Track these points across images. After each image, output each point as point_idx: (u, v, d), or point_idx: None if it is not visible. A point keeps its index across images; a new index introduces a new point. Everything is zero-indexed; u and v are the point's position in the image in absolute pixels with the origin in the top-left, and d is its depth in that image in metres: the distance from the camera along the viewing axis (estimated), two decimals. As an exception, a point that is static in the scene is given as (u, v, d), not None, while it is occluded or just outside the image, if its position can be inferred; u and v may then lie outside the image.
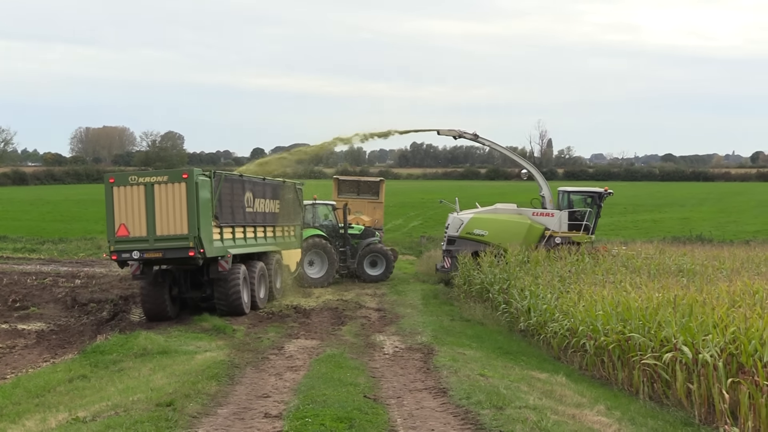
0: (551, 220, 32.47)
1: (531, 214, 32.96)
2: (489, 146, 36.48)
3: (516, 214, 33.27)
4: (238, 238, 23.98)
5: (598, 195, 32.76)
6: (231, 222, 23.34)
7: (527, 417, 10.70)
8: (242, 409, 11.65)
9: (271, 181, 28.38)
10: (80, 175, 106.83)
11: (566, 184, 38.52)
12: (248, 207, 24.84)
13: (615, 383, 15.73)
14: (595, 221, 32.91)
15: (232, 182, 23.89)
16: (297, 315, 23.47)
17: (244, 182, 24.94)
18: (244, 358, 16.08)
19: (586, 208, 32.61)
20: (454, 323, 21.96)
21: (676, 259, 26.85)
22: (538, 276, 23.05)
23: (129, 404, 11.78)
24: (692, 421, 13.00)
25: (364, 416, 10.92)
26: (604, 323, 16.34)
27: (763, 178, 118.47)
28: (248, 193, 24.93)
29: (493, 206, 34.05)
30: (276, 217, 27.68)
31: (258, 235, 25.85)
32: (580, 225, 32.30)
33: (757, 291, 16.35)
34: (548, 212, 32.77)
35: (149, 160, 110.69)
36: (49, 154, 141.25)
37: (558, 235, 31.90)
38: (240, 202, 24.21)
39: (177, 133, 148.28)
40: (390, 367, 15.39)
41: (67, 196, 79.47)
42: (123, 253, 21.35)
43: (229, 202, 23.29)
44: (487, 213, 33.44)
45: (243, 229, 24.45)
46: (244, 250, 24.28)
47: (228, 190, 23.31)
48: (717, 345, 13.15)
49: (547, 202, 33.32)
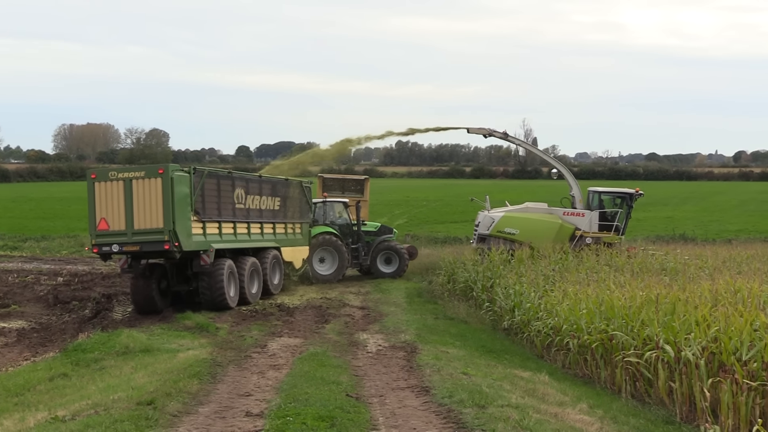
0: (582, 220, 32.72)
1: (562, 213, 33.19)
2: (519, 145, 36.83)
3: (547, 213, 33.60)
4: (226, 234, 24.33)
5: (630, 196, 33.14)
6: (216, 217, 23.72)
7: (509, 416, 10.68)
8: (224, 408, 11.58)
9: (271, 179, 28.75)
10: (64, 172, 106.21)
11: (596, 184, 38.56)
12: (239, 203, 25.15)
13: (598, 382, 15.76)
14: (626, 222, 33.21)
15: (218, 178, 24.27)
16: (281, 313, 23.40)
17: (234, 179, 25.26)
18: (227, 356, 16.00)
19: (615, 208, 32.80)
20: (437, 321, 21.94)
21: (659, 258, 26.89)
22: (522, 274, 23.08)
23: (109, 403, 11.69)
24: (674, 419, 13.04)
25: (345, 415, 10.88)
26: (587, 322, 16.37)
27: (745, 178, 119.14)
28: (239, 189, 25.24)
29: (523, 205, 34.37)
30: (276, 214, 27.94)
31: (252, 231, 26.15)
32: (609, 225, 32.45)
33: (738, 290, 16.41)
34: (579, 212, 33.01)
35: (134, 158, 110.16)
36: (32, 151, 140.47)
37: (589, 235, 32.04)
38: (229, 198, 24.56)
39: (162, 131, 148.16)
40: (373, 365, 15.36)
41: (50, 194, 79.07)
42: (103, 247, 22.08)
43: (214, 198, 23.65)
44: (519, 212, 33.67)
45: (232, 225, 24.78)
46: (232, 246, 24.59)
47: (213, 186, 23.70)
48: (699, 343, 13.20)
49: (576, 202, 33.54)
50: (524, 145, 36.23)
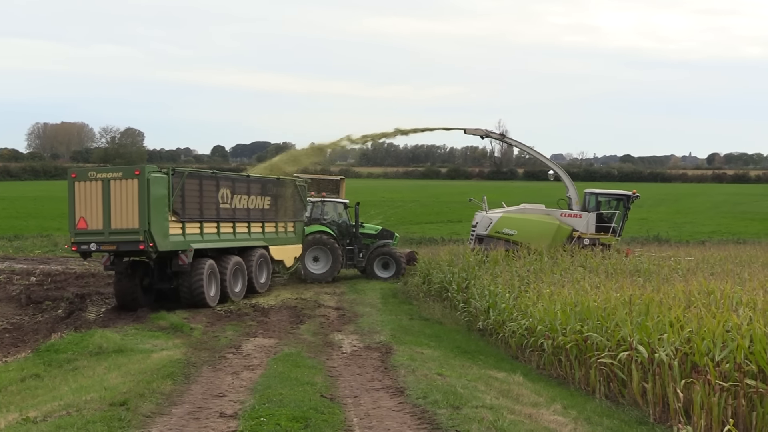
0: (579, 222, 32.90)
1: (559, 215, 33.36)
2: (516, 146, 36.92)
3: (545, 214, 33.74)
4: (208, 233, 24.70)
5: (627, 198, 33.32)
6: (198, 217, 24.10)
7: (483, 416, 10.69)
8: (197, 409, 11.52)
9: (260, 178, 29.05)
10: (37, 171, 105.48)
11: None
12: (224, 203, 25.45)
13: (572, 382, 15.80)
14: (623, 224, 33.40)
15: (201, 179, 24.67)
16: (255, 313, 23.32)
17: (218, 179, 25.64)
18: (201, 356, 15.92)
19: (612, 210, 33.00)
20: (412, 322, 21.95)
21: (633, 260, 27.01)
22: (498, 275, 23.12)
23: (82, 404, 11.59)
24: (647, 420, 13.10)
25: (320, 416, 10.86)
26: (562, 323, 16.42)
27: (718, 180, 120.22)
28: (224, 189, 25.56)
29: (520, 206, 34.54)
30: (265, 214, 28.17)
31: (238, 230, 26.43)
32: (606, 227, 32.64)
33: (712, 291, 16.51)
34: (576, 213, 33.18)
35: (108, 157, 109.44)
36: (5, 150, 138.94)
37: (587, 237, 32.18)
38: (212, 198, 24.91)
39: (137, 130, 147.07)
40: (348, 366, 15.34)
41: (23, 193, 78.49)
42: (82, 245, 22.57)
43: (195, 198, 24.03)
44: (516, 213, 33.82)
45: (216, 225, 25.13)
46: (214, 245, 24.96)
47: (194, 187, 24.08)
48: (672, 344, 13.26)
49: (573, 204, 33.71)
50: (520, 145, 36.30)
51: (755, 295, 15.60)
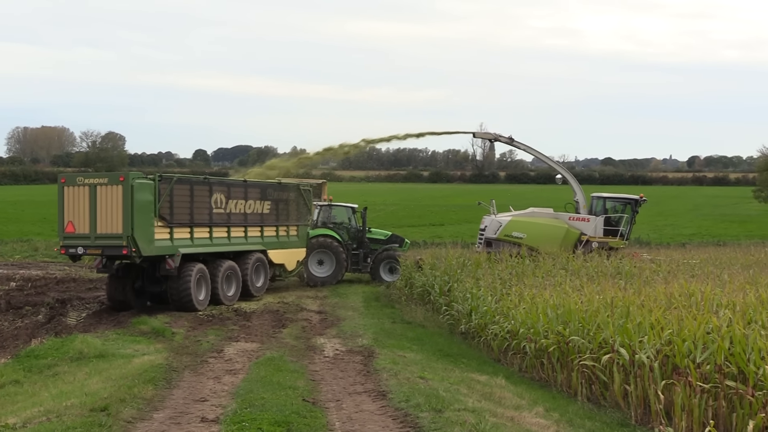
0: (587, 225, 33.07)
1: (567, 218, 33.57)
2: (524, 150, 37.03)
3: (553, 218, 33.97)
4: (200, 238, 25.08)
5: (635, 201, 33.54)
6: (188, 222, 24.49)
7: (466, 419, 10.71)
8: (179, 414, 11.48)
9: (259, 183, 29.37)
10: (17, 176, 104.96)
11: (601, 190, 39.10)
12: (217, 208, 25.84)
13: (554, 385, 15.84)
14: (630, 227, 33.57)
15: (191, 184, 25.06)
16: (237, 318, 23.26)
17: (212, 184, 26.03)
18: (183, 361, 15.86)
19: (619, 214, 33.21)
20: (395, 326, 21.95)
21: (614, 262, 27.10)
22: (480, 278, 23.16)
23: (62, 410, 11.51)
24: (629, 421, 13.15)
25: (302, 420, 10.85)
26: (544, 325, 16.46)
27: (698, 183, 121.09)
28: (218, 195, 25.94)
29: (528, 210, 34.86)
30: (265, 218, 28.43)
31: (233, 234, 26.76)
32: (614, 230, 32.84)
33: (692, 293, 16.60)
34: (584, 217, 33.37)
35: (89, 161, 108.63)
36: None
37: (595, 240, 32.39)
38: (204, 203, 25.31)
39: (118, 134, 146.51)
40: (330, 370, 15.33)
41: (3, 198, 77.98)
42: (70, 249, 23.29)
43: (185, 204, 24.46)
44: (525, 216, 34.05)
45: (208, 229, 25.50)
46: (206, 250, 25.34)
47: (184, 192, 24.48)
48: (653, 346, 13.33)
49: (580, 207, 33.92)
50: (529, 150, 36.44)
51: (735, 296, 15.70)
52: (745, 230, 60.76)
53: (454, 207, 76.53)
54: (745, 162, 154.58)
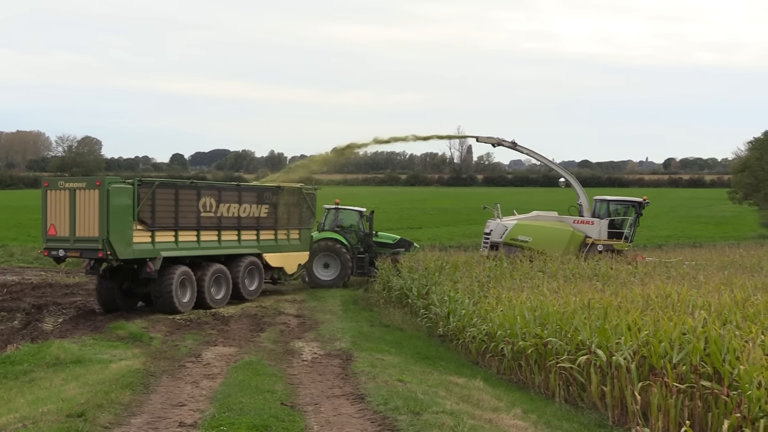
0: (591, 228, 33.42)
1: (572, 221, 33.80)
2: (527, 154, 37.20)
3: (558, 221, 34.24)
4: (185, 241, 25.32)
5: (638, 204, 33.88)
6: (172, 226, 24.82)
7: (444, 422, 10.73)
8: (156, 419, 11.43)
9: (255, 186, 29.74)
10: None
11: (604, 193, 39.50)
12: (206, 212, 26.06)
13: (532, 387, 15.90)
14: (634, 230, 33.87)
15: (177, 188, 25.42)
16: (215, 322, 23.18)
17: (200, 188, 26.24)
18: (160, 366, 15.79)
19: (623, 216, 33.43)
20: (373, 329, 21.94)
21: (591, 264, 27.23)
22: (458, 281, 23.20)
23: (38, 416, 11.43)
24: (606, 422, 13.23)
25: (280, 424, 10.84)
26: (522, 327, 16.51)
27: (674, 185, 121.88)
28: (207, 199, 26.16)
29: (532, 213, 35.20)
30: (261, 221, 28.57)
31: (224, 238, 26.93)
32: (618, 233, 33.04)
33: (669, 294, 16.71)
34: (588, 220, 33.66)
35: (65, 166, 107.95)
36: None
37: (600, 243, 32.61)
38: (191, 207, 25.54)
39: (94, 138, 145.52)
40: (308, 373, 15.31)
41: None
42: (52, 251, 23.92)
43: (169, 207, 24.78)
44: (530, 220, 34.30)
45: (195, 233, 25.70)
46: (192, 253, 25.60)
47: (168, 197, 24.83)
48: (630, 348, 13.41)
49: (584, 210, 34.13)
50: (532, 153, 36.64)
51: (711, 297, 15.83)
52: (721, 231, 61.27)
53: (432, 210, 76.67)
54: (720, 164, 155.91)
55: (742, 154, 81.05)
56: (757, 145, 72.60)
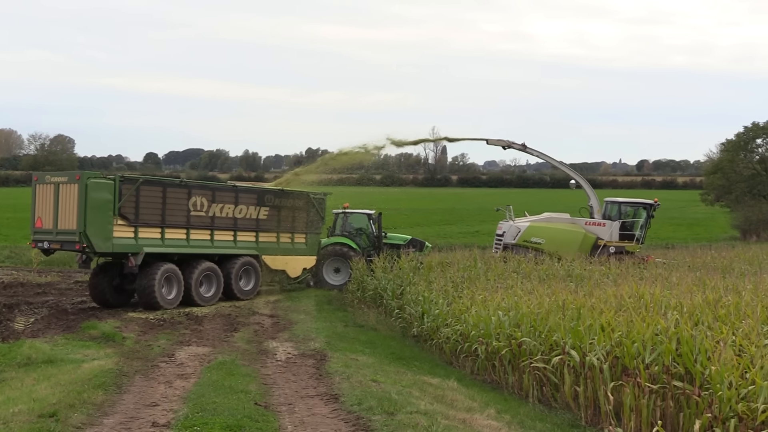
0: (603, 230, 33.69)
1: (584, 223, 34.00)
2: (537, 156, 37.36)
3: (570, 223, 34.49)
4: (173, 239, 25.89)
5: (650, 206, 34.21)
6: (158, 223, 25.36)
7: (418, 422, 10.75)
8: (129, 419, 11.37)
9: (254, 189, 30.10)
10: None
11: (612, 195, 39.61)
12: (197, 211, 26.50)
13: (506, 387, 15.94)
14: (645, 231, 34.13)
15: (164, 186, 26.00)
16: (189, 322, 23.09)
17: (190, 188, 26.79)
18: (133, 366, 15.70)
19: (634, 218, 33.64)
20: (347, 329, 21.94)
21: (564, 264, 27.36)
22: (432, 281, 23.24)
23: (9, 416, 11.33)
24: (579, 422, 13.29)
25: (254, 424, 10.81)
26: (496, 328, 16.56)
27: (647, 186, 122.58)
28: (198, 198, 26.61)
29: (544, 215, 35.41)
30: (260, 223, 28.84)
31: (218, 238, 27.30)
32: (629, 235, 33.26)
33: (642, 295, 16.81)
34: (600, 222, 33.86)
35: (38, 164, 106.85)
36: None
37: (612, 245, 32.79)
38: (180, 205, 26.07)
39: (67, 137, 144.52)
40: (282, 373, 15.29)
41: (-51, 201, 76.54)
42: (38, 243, 24.86)
43: (154, 205, 25.29)
44: (543, 222, 34.49)
45: (184, 231, 26.24)
46: (179, 251, 26.07)
47: (153, 194, 25.34)
48: (603, 348, 13.49)
49: (595, 212, 34.33)
50: (542, 155, 36.82)
51: (683, 298, 15.94)
52: (693, 233, 61.79)
53: (407, 210, 76.71)
54: (692, 166, 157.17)
55: (714, 156, 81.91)
56: (729, 147, 73.34)
